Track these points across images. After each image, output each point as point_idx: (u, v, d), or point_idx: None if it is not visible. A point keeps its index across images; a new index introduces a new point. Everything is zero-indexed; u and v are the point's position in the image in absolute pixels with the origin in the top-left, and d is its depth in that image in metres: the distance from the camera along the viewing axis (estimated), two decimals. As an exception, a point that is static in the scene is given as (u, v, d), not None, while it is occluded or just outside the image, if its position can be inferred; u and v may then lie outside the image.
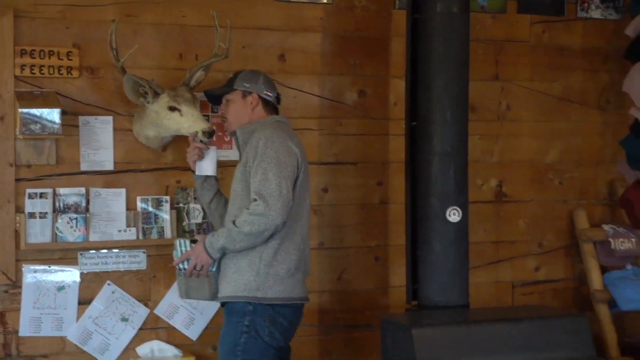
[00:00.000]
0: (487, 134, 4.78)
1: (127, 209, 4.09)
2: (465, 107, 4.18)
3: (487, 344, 3.82)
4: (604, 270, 4.91)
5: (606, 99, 5.00)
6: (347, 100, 4.51)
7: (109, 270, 4.10)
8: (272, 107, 3.83)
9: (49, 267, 4.00)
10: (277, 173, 3.55)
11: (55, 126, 3.83)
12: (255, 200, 3.53)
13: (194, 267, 3.67)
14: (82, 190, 4.01)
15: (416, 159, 4.22)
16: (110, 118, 4.07)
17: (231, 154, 4.17)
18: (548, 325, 3.94)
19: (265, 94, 3.79)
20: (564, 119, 4.93)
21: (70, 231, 3.96)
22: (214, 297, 3.74)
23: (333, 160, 4.50)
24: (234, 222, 3.56)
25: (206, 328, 4.24)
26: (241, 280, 3.61)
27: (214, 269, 3.70)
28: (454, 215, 4.12)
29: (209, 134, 3.85)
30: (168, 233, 4.12)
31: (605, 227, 4.87)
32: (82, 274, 4.04)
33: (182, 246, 3.72)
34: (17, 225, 3.92)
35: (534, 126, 4.88)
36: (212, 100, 3.97)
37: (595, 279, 4.82)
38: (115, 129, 4.08)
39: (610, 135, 5.00)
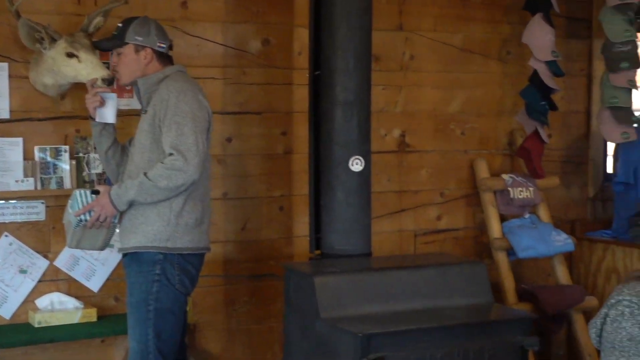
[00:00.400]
0: (390, 84, 4.81)
1: (25, 158, 3.99)
2: (368, 56, 4.19)
3: (388, 291, 3.87)
4: (503, 218, 5.02)
5: (507, 51, 5.08)
6: (251, 48, 4.47)
7: (7, 221, 4.00)
8: (165, 57, 3.76)
9: (-57, 218, 3.89)
10: (192, 128, 3.54)
11: (-54, 73, 3.71)
12: (171, 154, 3.50)
13: (97, 219, 3.62)
14: (-24, 139, 3.91)
15: (319, 109, 4.21)
16: (5, 65, 3.95)
17: (132, 103, 4.10)
18: (447, 273, 4.02)
19: (159, 46, 3.71)
20: (465, 70, 4.99)
21: (-36, 181, 3.85)
22: (104, 247, 3.74)
23: (237, 109, 4.47)
24: (146, 175, 3.52)
25: (108, 279, 4.19)
26: (150, 230, 3.59)
27: (115, 221, 3.66)
28: (356, 164, 4.14)
29: (109, 81, 3.78)
30: (67, 183, 4.04)
31: (505, 176, 4.97)
32: (-23, 226, 3.95)
33: (82, 197, 3.64)
34: None
35: (437, 77, 4.93)
36: (103, 50, 3.90)
37: (495, 228, 4.93)
38: (10, 76, 3.96)
39: (510, 86, 5.08)
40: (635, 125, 5.08)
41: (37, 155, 4.01)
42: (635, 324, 2.49)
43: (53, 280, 4.09)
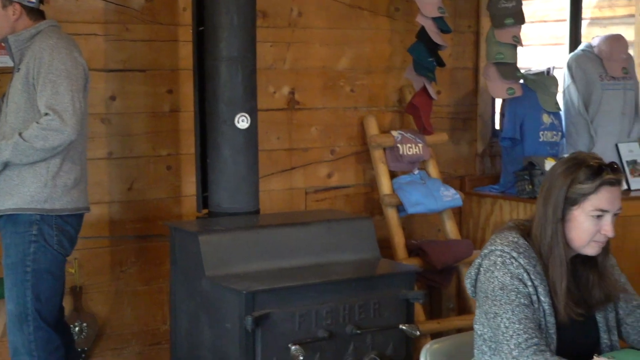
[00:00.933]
0: (278, 41, 4.76)
1: None
2: (253, 12, 4.13)
3: (275, 248, 3.87)
4: (393, 175, 5.05)
5: (395, 7, 5.08)
6: (134, 4, 4.35)
7: None
8: (37, 12, 3.63)
9: None
10: (68, 87, 3.45)
11: None
12: (47, 115, 3.40)
13: (-34, 179, 3.50)
14: None
15: (204, 65, 4.15)
16: None
17: (8, 60, 3.95)
18: (334, 229, 4.03)
19: (28, 1, 3.58)
20: (354, 26, 4.97)
21: None
22: None
23: (120, 67, 4.36)
24: (21, 136, 3.41)
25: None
26: (27, 192, 3.50)
27: None
28: (242, 121, 4.10)
29: (-21, 38, 3.64)
30: (-59, 144, 3.88)
31: (394, 133, 4.99)
32: None
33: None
34: None
35: (325, 34, 4.90)
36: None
37: (384, 184, 4.95)
38: None
39: (399, 42, 5.09)
40: (521, 81, 5.17)
41: None
42: (506, 273, 2.53)
43: None
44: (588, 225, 2.54)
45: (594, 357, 2.56)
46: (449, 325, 4.82)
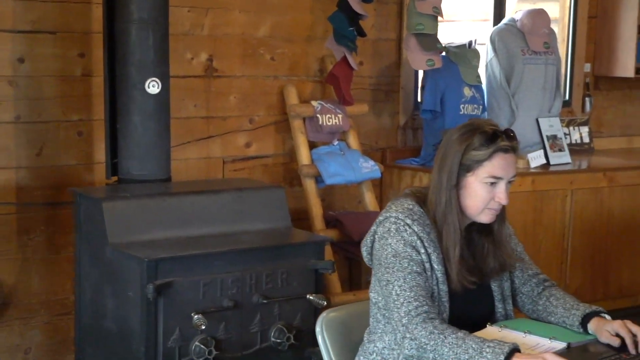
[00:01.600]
0: (196, 5, 4.65)
1: None
2: (164, -27, 4.03)
3: (183, 216, 3.79)
4: (313, 145, 4.99)
5: (316, -24, 5.02)
6: (44, -36, 4.22)
7: None
8: None
9: None
10: None
11: None
12: None
13: None
14: None
15: (114, 28, 4.03)
16: None
17: None
18: (245, 197, 3.96)
19: None
20: (275, -7, 4.90)
21: None
22: None
23: (29, 28, 4.21)
24: None
25: None
26: None
27: None
28: (153, 86, 4.00)
29: None
30: None
31: (314, 103, 4.93)
32: None
33: None
34: None
35: (245, 0, 4.81)
36: None
37: (303, 155, 4.90)
38: None
39: (321, 12, 5.01)
40: (443, 54, 5.14)
41: None
42: (400, 240, 2.49)
43: None
44: (482, 193, 2.50)
45: (487, 325, 2.55)
46: (364, 297, 4.73)
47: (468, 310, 2.57)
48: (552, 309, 2.62)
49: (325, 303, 3.69)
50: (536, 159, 5.27)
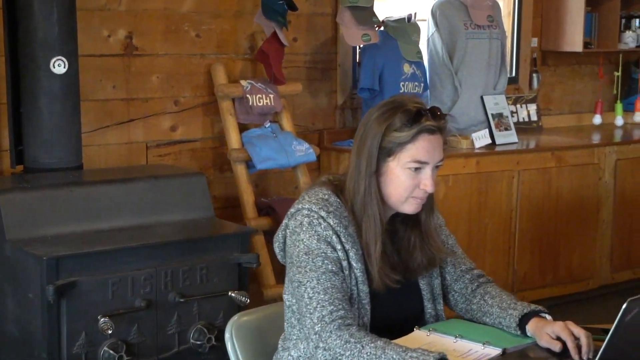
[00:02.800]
0: (112, -21, 4.31)
1: None
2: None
3: (92, 208, 3.47)
4: (244, 128, 4.68)
5: (244, -54, 4.68)
6: None
7: None
8: None
9: None
10: None
11: None
12: None
13: None
14: None
15: (16, 4, 3.67)
16: None
17: None
18: (162, 186, 3.65)
19: None
20: (198, -36, 4.56)
21: None
22: None
23: None
24: None
25: None
26: None
27: None
28: (59, 66, 3.65)
29: None
30: None
31: (243, 82, 4.61)
32: None
33: None
34: None
35: (166, -28, 4.48)
36: None
37: (233, 138, 4.57)
38: None
39: (250, -16, 4.70)
40: (381, 28, 4.85)
41: None
42: (313, 235, 2.18)
43: None
44: (405, 179, 2.20)
45: (415, 329, 2.26)
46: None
47: (393, 312, 2.28)
48: (487, 308, 2.32)
49: (248, 301, 3.38)
50: (481, 138, 5.00)
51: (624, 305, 1.72)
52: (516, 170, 5.01)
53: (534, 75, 5.86)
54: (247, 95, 4.57)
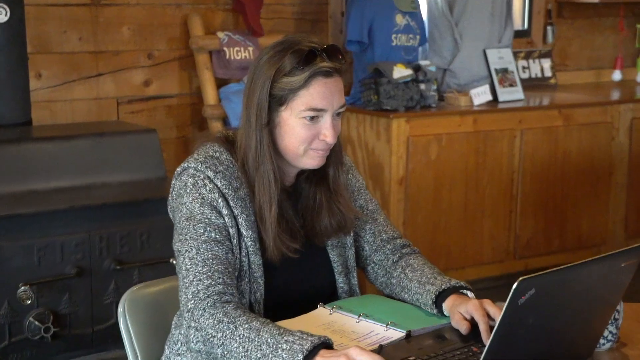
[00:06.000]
0: None
1: None
2: None
3: (33, 166, 3.23)
4: (223, 83, 4.40)
5: None
6: None
7: None
8: None
9: None
10: None
11: None
12: None
13: None
14: None
15: (-45, -54, 3.42)
16: None
17: None
18: (109, 143, 3.39)
19: None
20: None
21: None
22: None
23: None
24: None
25: None
26: None
27: None
28: (1, 14, 3.40)
29: None
30: None
31: (220, 34, 4.32)
32: None
33: None
34: None
35: None
36: None
37: (210, 94, 4.31)
38: None
39: None
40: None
41: None
42: (196, 198, 1.89)
43: None
44: (301, 130, 1.88)
45: (318, 305, 1.97)
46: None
47: (294, 286, 1.98)
48: (407, 282, 2.01)
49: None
50: (480, 95, 4.64)
51: (515, 285, 1.40)
52: (518, 129, 4.65)
53: (549, 28, 5.46)
54: (224, 48, 4.29)
